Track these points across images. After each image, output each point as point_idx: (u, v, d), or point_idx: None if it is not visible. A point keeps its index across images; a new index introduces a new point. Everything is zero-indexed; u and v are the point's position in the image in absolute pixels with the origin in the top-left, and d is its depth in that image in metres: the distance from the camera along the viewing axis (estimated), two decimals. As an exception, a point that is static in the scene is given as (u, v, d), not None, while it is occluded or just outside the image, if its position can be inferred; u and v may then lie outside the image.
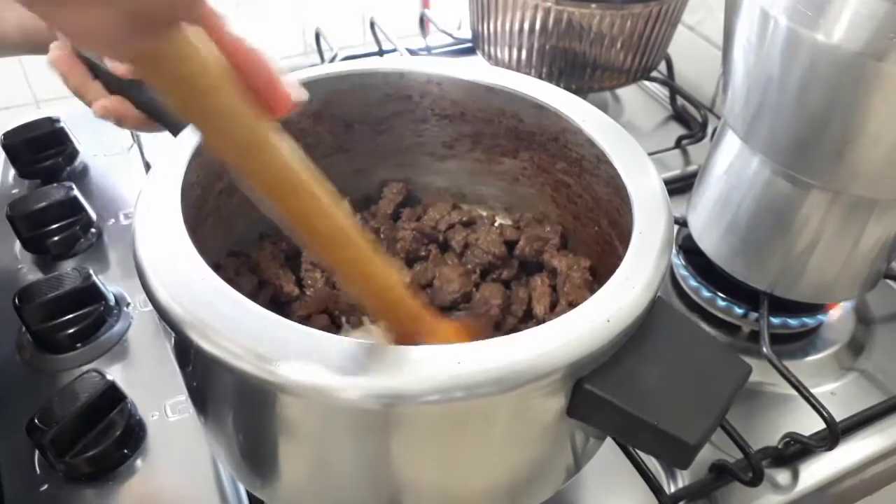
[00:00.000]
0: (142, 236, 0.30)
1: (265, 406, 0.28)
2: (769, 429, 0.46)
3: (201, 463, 0.41)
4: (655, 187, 0.35)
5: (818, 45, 0.37)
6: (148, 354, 0.47)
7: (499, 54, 0.68)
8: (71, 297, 0.46)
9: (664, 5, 0.62)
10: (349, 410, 0.26)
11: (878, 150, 0.39)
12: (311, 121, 0.43)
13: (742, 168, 0.47)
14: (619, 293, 0.29)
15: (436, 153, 0.47)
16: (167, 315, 0.27)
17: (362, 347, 0.26)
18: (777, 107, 0.42)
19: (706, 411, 0.28)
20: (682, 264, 0.56)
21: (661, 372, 0.29)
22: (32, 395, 0.44)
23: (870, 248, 0.46)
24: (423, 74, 0.43)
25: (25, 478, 0.40)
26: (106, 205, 0.58)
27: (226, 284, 0.28)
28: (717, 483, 0.43)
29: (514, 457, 0.31)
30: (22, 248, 0.53)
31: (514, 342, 0.27)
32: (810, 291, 0.49)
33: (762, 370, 0.47)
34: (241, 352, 0.26)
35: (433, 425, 0.28)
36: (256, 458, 0.33)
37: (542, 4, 0.61)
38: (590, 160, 0.39)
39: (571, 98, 0.41)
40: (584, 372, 0.28)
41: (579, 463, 0.36)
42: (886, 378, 0.50)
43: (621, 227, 0.36)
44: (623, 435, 0.31)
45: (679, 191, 0.63)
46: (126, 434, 0.41)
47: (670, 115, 0.77)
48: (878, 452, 0.46)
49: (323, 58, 0.78)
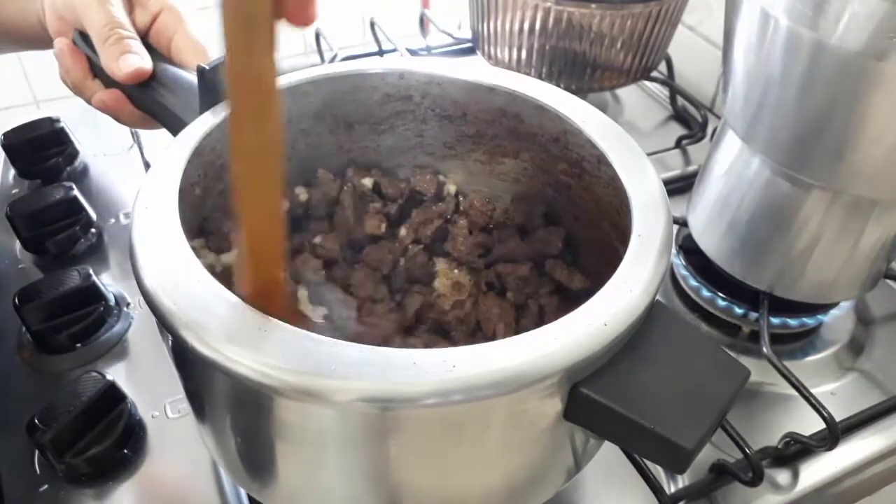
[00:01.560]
0: (139, 237, 0.30)
1: (261, 409, 0.28)
2: (769, 429, 0.46)
3: (201, 463, 0.41)
4: (655, 189, 0.35)
5: (818, 45, 0.37)
6: (148, 354, 0.47)
7: (499, 54, 0.68)
8: (71, 297, 0.46)
9: (664, 5, 0.62)
10: (346, 414, 0.26)
11: (878, 150, 0.39)
12: (311, 121, 0.43)
13: (742, 168, 0.47)
14: (617, 296, 0.29)
15: (436, 153, 0.47)
16: (163, 317, 0.27)
17: (359, 351, 0.26)
18: (777, 107, 0.42)
19: (703, 415, 0.28)
20: (682, 264, 0.56)
21: (658, 376, 0.29)
22: (32, 395, 0.44)
23: (870, 248, 0.46)
24: (424, 74, 0.43)
25: (25, 478, 0.40)
26: (106, 205, 0.58)
27: (222, 286, 0.28)
28: (717, 483, 0.43)
29: (512, 459, 0.31)
30: (22, 248, 0.53)
31: (511, 345, 0.27)
32: (810, 291, 0.49)
33: (762, 370, 0.47)
34: (237, 354, 0.26)
35: (430, 428, 0.28)
36: (253, 460, 0.33)
37: (542, 4, 0.61)
38: (590, 161, 0.39)
39: (572, 99, 0.41)
40: (580, 376, 0.28)
41: (579, 464, 0.36)
42: (886, 378, 0.50)
43: (621, 228, 0.36)
44: (620, 439, 0.31)
45: (679, 191, 0.63)
46: (126, 434, 0.41)
47: (670, 115, 0.77)
48: (878, 452, 0.46)
49: (323, 58, 0.78)
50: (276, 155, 0.28)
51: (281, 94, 0.27)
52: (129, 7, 0.48)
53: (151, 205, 0.32)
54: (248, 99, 0.27)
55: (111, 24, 0.44)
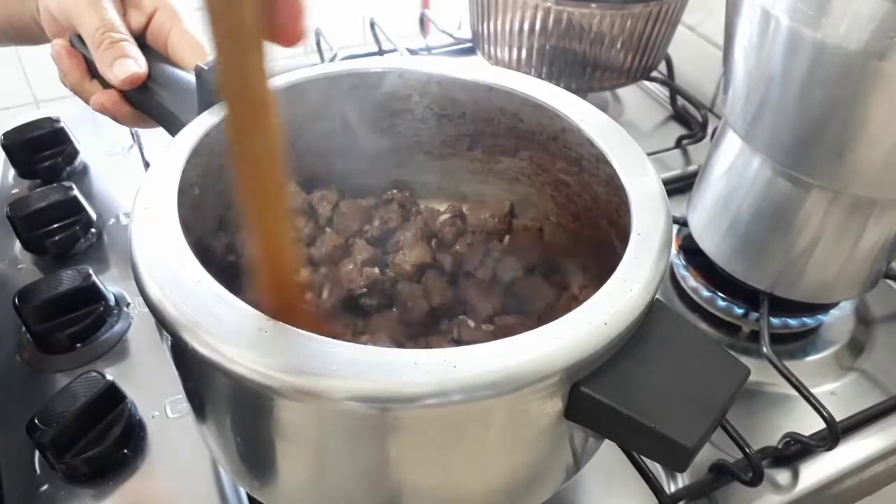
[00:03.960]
0: (138, 238, 0.30)
1: (261, 409, 0.28)
2: (769, 429, 0.46)
3: (201, 462, 0.41)
4: (654, 188, 0.35)
5: (819, 45, 0.37)
6: (148, 354, 0.47)
7: (499, 54, 0.68)
8: (71, 297, 0.46)
9: (664, 5, 0.62)
10: (346, 414, 0.26)
11: (878, 150, 0.39)
12: (311, 121, 0.43)
13: (742, 168, 0.47)
14: (617, 295, 0.29)
15: (435, 152, 0.47)
16: (162, 317, 0.27)
17: (359, 351, 0.26)
18: (777, 106, 0.42)
19: (704, 414, 0.28)
20: (682, 264, 0.56)
21: (658, 375, 0.29)
22: (32, 395, 0.44)
23: (870, 248, 0.46)
24: (423, 74, 0.43)
25: (25, 478, 0.40)
26: (106, 205, 0.58)
27: (221, 287, 0.28)
28: (717, 483, 0.43)
29: (512, 459, 0.31)
30: (22, 248, 0.53)
31: (511, 345, 0.27)
32: (810, 291, 0.49)
33: (762, 370, 0.47)
34: (236, 355, 0.25)
35: (430, 428, 0.28)
36: (253, 460, 0.33)
37: (542, 4, 0.61)
38: (589, 160, 0.39)
39: (571, 98, 0.41)
40: (581, 375, 0.28)
41: (579, 463, 0.36)
42: (886, 378, 0.50)
43: (620, 227, 0.36)
44: (620, 438, 0.31)
45: (679, 191, 0.63)
46: (126, 434, 0.41)
47: (670, 115, 0.77)
48: (878, 452, 0.46)
49: (323, 58, 0.78)
50: (275, 160, 0.28)
51: (277, 100, 0.26)
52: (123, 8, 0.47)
53: (151, 205, 0.32)
54: (242, 108, 0.26)
55: (104, 27, 0.44)
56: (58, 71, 0.49)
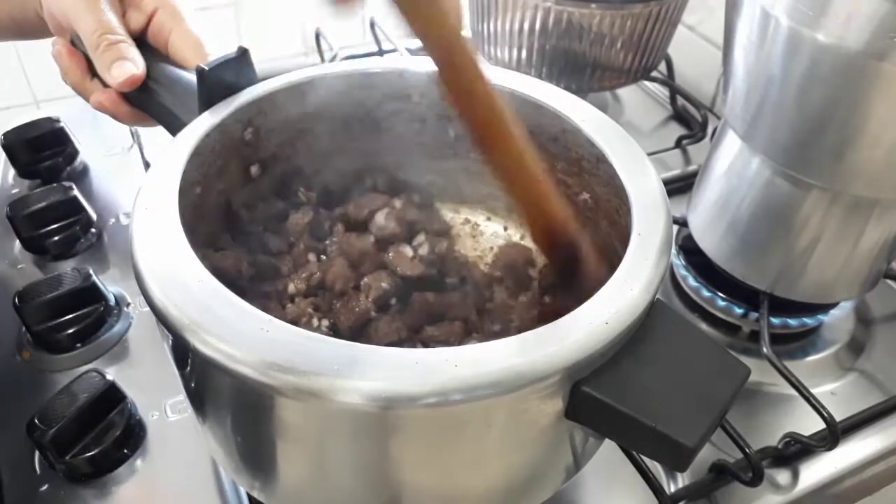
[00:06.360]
0: (139, 237, 0.30)
1: (262, 409, 0.28)
2: (769, 429, 0.46)
3: (201, 463, 0.41)
4: (654, 188, 0.35)
5: (819, 45, 0.37)
6: (148, 354, 0.47)
7: (499, 54, 0.68)
8: (71, 297, 0.46)
9: (664, 5, 0.62)
10: (346, 413, 0.26)
11: (878, 150, 0.39)
12: (312, 121, 0.43)
13: (742, 168, 0.47)
14: (618, 295, 0.29)
15: (435, 153, 0.47)
16: (164, 317, 0.27)
17: (360, 350, 0.26)
18: (777, 106, 0.42)
19: (705, 414, 0.28)
20: (682, 264, 0.56)
21: (659, 374, 0.29)
22: (32, 395, 0.44)
23: (870, 248, 0.46)
24: (423, 74, 0.43)
25: (25, 478, 0.40)
26: (106, 205, 0.58)
27: (222, 286, 0.28)
28: (717, 483, 0.43)
29: (512, 458, 0.31)
30: (22, 248, 0.53)
31: (512, 345, 0.27)
32: (810, 291, 0.49)
33: (762, 370, 0.47)
34: (237, 354, 0.26)
35: (431, 428, 0.28)
36: (254, 459, 0.33)
37: (542, 4, 0.61)
38: (589, 160, 0.39)
39: (571, 98, 0.41)
40: (582, 374, 0.28)
41: (579, 463, 0.36)
42: (886, 378, 0.50)
43: (620, 227, 0.36)
44: (621, 437, 0.31)
45: (679, 191, 0.63)
46: (126, 434, 0.41)
47: (670, 115, 0.77)
48: (878, 452, 0.46)
49: (323, 58, 0.78)
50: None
51: None
52: (122, 8, 0.47)
53: (151, 205, 0.32)
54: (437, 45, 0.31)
55: (101, 29, 0.44)
56: (59, 69, 0.49)
